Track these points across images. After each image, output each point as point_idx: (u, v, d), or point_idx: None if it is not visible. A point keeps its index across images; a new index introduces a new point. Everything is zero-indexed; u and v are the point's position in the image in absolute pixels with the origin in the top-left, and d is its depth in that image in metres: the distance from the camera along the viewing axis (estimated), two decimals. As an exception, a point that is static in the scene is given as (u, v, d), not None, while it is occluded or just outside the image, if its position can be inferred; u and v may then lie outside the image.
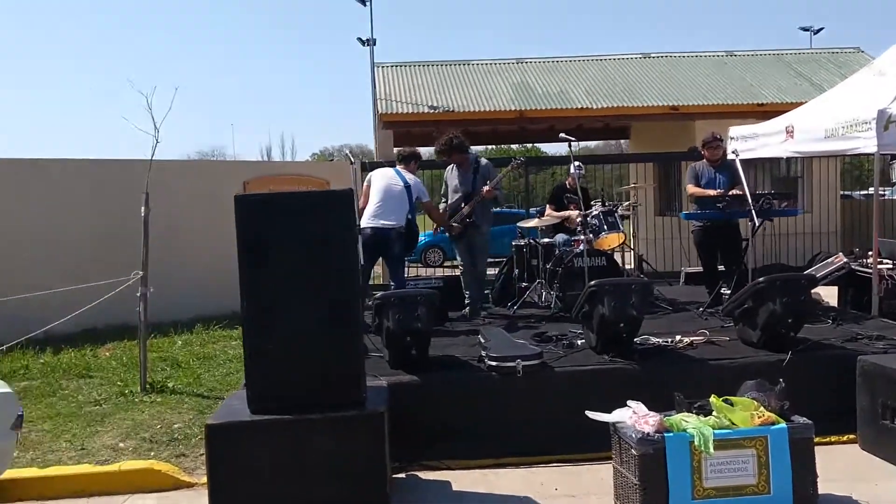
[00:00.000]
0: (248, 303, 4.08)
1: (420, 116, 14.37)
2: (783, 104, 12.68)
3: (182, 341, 8.41)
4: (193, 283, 9.34)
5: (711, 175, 7.49)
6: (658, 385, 4.87)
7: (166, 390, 6.34)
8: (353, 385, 4.14)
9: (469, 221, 7.33)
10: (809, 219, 12.84)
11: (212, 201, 9.12)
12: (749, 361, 5.22)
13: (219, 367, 7.14)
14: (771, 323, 5.31)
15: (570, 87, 15.35)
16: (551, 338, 6.03)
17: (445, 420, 4.98)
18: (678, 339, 5.75)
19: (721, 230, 7.27)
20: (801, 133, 7.37)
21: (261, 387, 4.09)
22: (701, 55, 17.21)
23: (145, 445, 5.18)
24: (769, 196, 6.87)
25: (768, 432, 3.93)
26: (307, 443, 4.02)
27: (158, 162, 7.77)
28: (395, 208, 6.75)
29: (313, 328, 4.10)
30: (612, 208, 7.93)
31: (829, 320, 6.40)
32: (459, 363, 5.44)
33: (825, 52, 17.60)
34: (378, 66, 16.60)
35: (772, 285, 5.28)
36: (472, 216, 7.33)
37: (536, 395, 5.05)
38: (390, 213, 6.71)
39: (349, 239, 4.22)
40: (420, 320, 5.12)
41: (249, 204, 4.16)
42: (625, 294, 5.26)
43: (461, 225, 7.35)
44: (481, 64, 16.91)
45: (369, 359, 5.45)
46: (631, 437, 3.99)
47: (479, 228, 7.43)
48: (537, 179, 16.61)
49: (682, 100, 14.43)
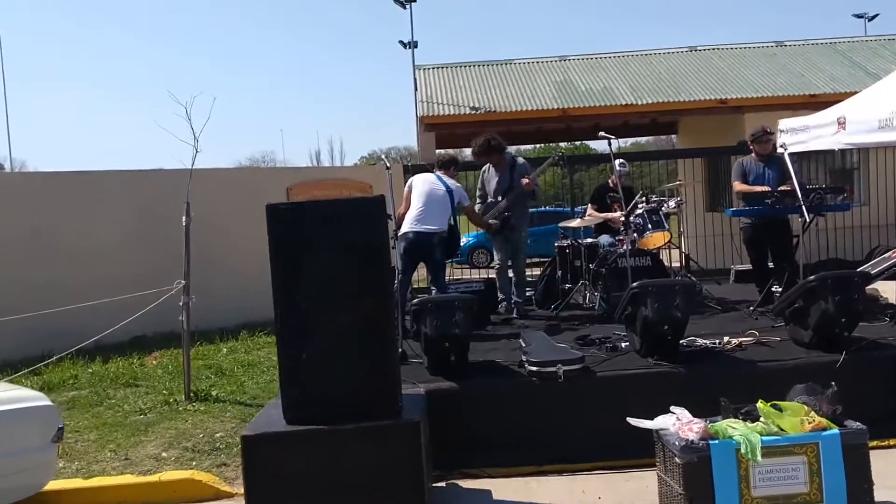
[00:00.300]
0: (281, 312, 4.06)
1: (462, 118, 14.29)
2: (837, 94, 12.26)
3: (227, 348, 8.49)
4: (238, 290, 9.44)
5: (760, 170, 7.25)
6: (704, 389, 4.71)
7: (210, 398, 6.38)
8: (389, 394, 4.09)
9: (507, 216, 7.33)
10: (867, 211, 12.39)
11: (255, 208, 9.11)
12: (801, 363, 5.04)
13: (262, 375, 7.17)
14: (823, 322, 5.10)
15: (613, 83, 15.12)
16: (594, 341, 5.92)
17: (485, 427, 4.90)
18: (726, 341, 5.58)
19: (771, 226, 7.03)
20: (853, 124, 7.10)
21: (296, 397, 4.06)
22: (750, 46, 16.78)
23: (187, 455, 5.21)
24: (820, 190, 6.62)
25: (819, 438, 3.76)
26: (343, 453, 3.98)
27: (201, 171, 7.88)
28: (437, 213, 6.70)
29: (347, 337, 4.05)
30: (657, 206, 7.74)
31: (886, 318, 6.13)
32: (500, 368, 5.36)
33: (881, 39, 17.00)
34: (419, 69, 16.57)
35: (823, 283, 5.07)
36: (510, 211, 7.33)
37: (578, 401, 4.95)
38: (433, 218, 6.66)
39: (382, 246, 4.17)
40: (458, 326, 5.04)
41: (281, 212, 4.12)
42: (668, 295, 5.10)
43: (499, 221, 7.33)
44: (523, 63, 16.76)
45: (408, 365, 5.42)
46: (675, 445, 3.85)
47: (515, 229, 7.44)
48: (585, 176, 16.37)
49: (731, 93, 14.08)
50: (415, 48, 17.94)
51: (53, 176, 9.84)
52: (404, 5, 17.94)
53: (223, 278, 9.44)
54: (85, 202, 9.36)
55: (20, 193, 9.19)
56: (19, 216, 8.93)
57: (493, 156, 7.46)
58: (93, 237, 9.29)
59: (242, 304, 9.40)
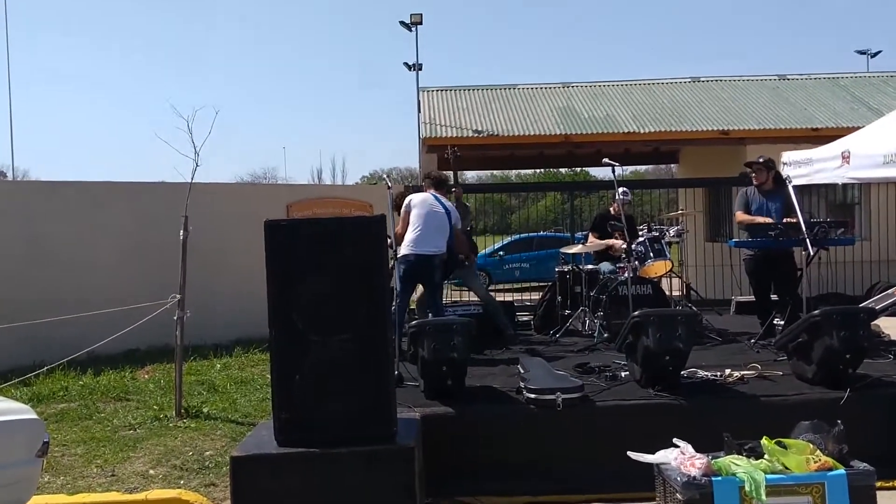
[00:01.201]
0: (276, 331, 3.98)
1: (465, 140, 14.27)
2: (839, 129, 12.27)
3: (221, 364, 8.39)
4: (235, 306, 9.35)
5: (762, 201, 7.20)
6: (706, 422, 4.64)
7: (201, 415, 6.28)
8: (383, 418, 4.00)
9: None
10: (868, 246, 12.34)
11: (255, 224, 9.05)
12: (804, 399, 4.94)
13: (255, 392, 7.06)
14: (827, 358, 5.02)
15: (616, 111, 15.13)
16: (594, 369, 5.82)
17: (481, 454, 4.80)
18: (728, 373, 5.49)
19: (774, 259, 6.96)
20: (858, 158, 7.06)
21: (288, 418, 3.97)
22: (753, 79, 16.83)
23: (175, 473, 5.10)
24: (824, 224, 6.56)
25: (825, 478, 3.67)
26: (334, 477, 3.88)
27: (201, 185, 7.81)
28: (437, 235, 6.60)
29: (343, 358, 3.97)
30: (659, 235, 7.69)
31: (890, 355, 6.05)
32: (497, 394, 5.27)
33: (883, 75, 17.05)
34: (423, 91, 16.59)
35: (828, 318, 4.99)
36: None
37: (577, 431, 4.85)
38: (433, 240, 6.56)
39: (380, 266, 4.10)
40: (456, 349, 4.96)
41: (279, 229, 4.06)
42: (670, 325, 5.03)
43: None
44: (526, 88, 16.78)
45: (404, 388, 5.33)
46: (676, 480, 3.76)
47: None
48: (585, 203, 16.36)
49: (733, 124, 14.08)
50: (419, 70, 17.89)
51: (51, 185, 9.78)
52: (410, 28, 17.97)
53: (220, 293, 9.36)
54: (83, 213, 9.29)
55: (16, 202, 9.12)
56: (15, 225, 8.85)
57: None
58: (90, 248, 9.20)
59: (238, 319, 9.31)
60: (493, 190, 18.04)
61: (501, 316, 7.51)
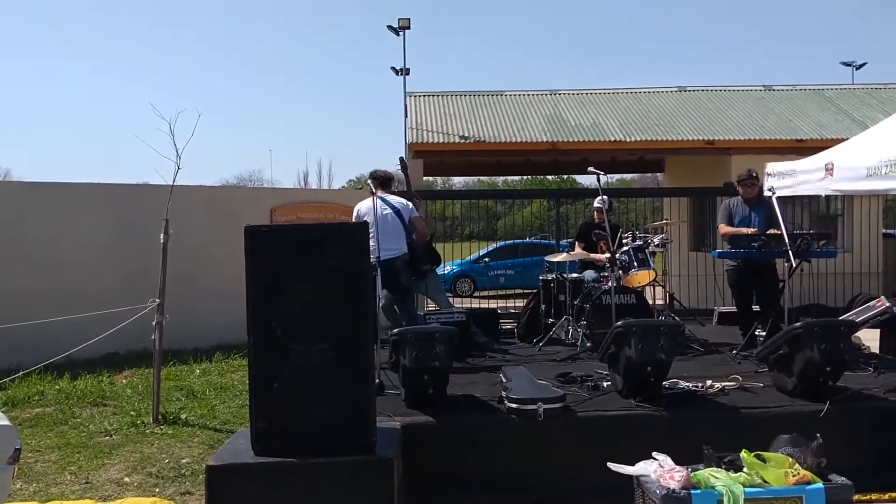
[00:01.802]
0: (255, 338, 3.93)
1: (451, 146, 14.26)
2: (823, 140, 12.35)
3: (201, 370, 8.31)
4: (215, 311, 9.27)
5: (745, 213, 7.23)
6: (686, 434, 4.63)
7: (179, 422, 6.20)
8: (363, 428, 3.95)
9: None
10: (850, 258, 12.42)
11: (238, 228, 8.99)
12: (784, 411, 4.93)
13: (235, 399, 6.99)
14: (808, 371, 5.02)
15: (603, 119, 15.16)
16: (576, 379, 5.80)
17: (461, 464, 4.75)
18: (709, 384, 5.49)
19: (757, 270, 6.99)
20: (841, 171, 7.08)
21: (266, 427, 3.91)
22: (738, 89, 16.92)
23: (151, 481, 5.03)
24: (807, 236, 6.59)
25: (803, 492, 3.66)
26: (312, 488, 3.83)
27: (183, 188, 7.73)
28: (393, 237, 6.53)
29: (323, 366, 3.92)
30: (643, 244, 7.69)
31: (870, 368, 6.08)
32: (479, 404, 5.23)
33: (868, 87, 17.20)
34: (410, 95, 16.56)
35: (809, 331, 4.99)
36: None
37: (558, 441, 4.81)
38: (390, 243, 6.46)
39: (363, 273, 4.05)
40: (438, 358, 4.92)
41: (260, 235, 4.02)
42: (653, 336, 5.01)
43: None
44: (513, 95, 16.80)
45: (385, 397, 5.29)
46: (655, 493, 3.74)
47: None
48: (571, 210, 16.37)
49: (719, 134, 14.14)
50: (407, 75, 17.83)
51: (31, 186, 9.66)
52: (398, 32, 17.92)
53: (200, 298, 9.29)
54: (62, 214, 9.19)
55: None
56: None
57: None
58: (69, 250, 9.10)
59: (219, 324, 9.22)
60: (479, 196, 18.06)
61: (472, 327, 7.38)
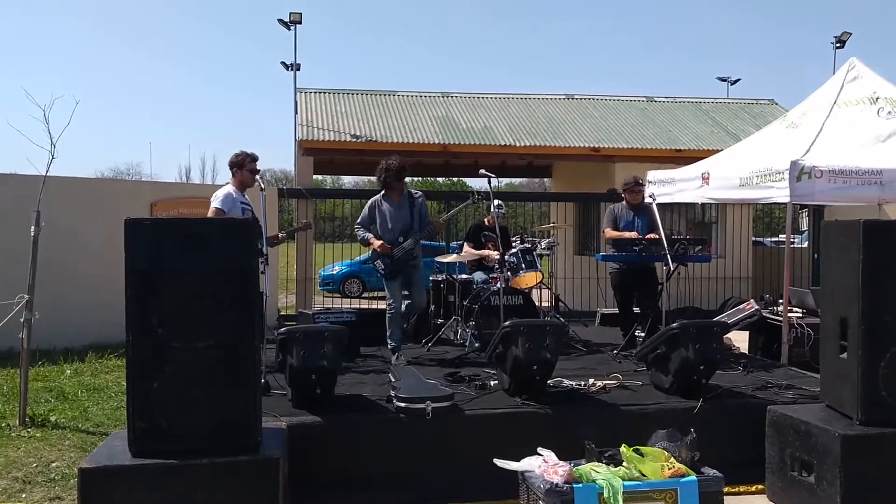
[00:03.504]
0: (133, 335, 3.75)
1: (342, 144, 14.16)
2: (700, 151, 12.99)
3: (72, 370, 7.89)
4: (89, 308, 8.81)
5: (630, 218, 7.51)
6: (569, 430, 4.79)
7: (48, 424, 5.87)
8: (247, 428, 3.84)
9: (413, 256, 6.82)
10: (723, 264, 13.12)
11: (115, 223, 8.59)
12: (660, 408, 5.14)
13: (109, 400, 6.68)
14: (683, 369, 5.26)
15: (493, 123, 15.41)
16: (464, 378, 5.85)
17: (349, 464, 4.71)
18: (591, 383, 5.66)
19: (638, 273, 7.27)
20: (716, 180, 7.47)
21: (144, 427, 3.74)
22: (623, 99, 17.56)
23: (17, 486, 4.73)
24: (684, 241, 6.91)
25: (678, 485, 3.84)
26: (193, 490, 3.69)
27: (58, 178, 7.33)
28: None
29: (205, 365, 3.78)
30: (531, 247, 7.85)
31: (739, 367, 6.43)
32: (367, 403, 5.20)
33: (741, 102, 18.24)
34: (301, 92, 16.31)
35: (685, 331, 5.23)
36: (415, 251, 6.84)
37: (446, 439, 4.84)
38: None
39: (249, 270, 3.94)
40: (326, 357, 4.86)
41: (141, 228, 3.84)
42: (539, 336, 5.12)
43: (398, 259, 6.76)
44: (406, 95, 16.84)
45: (271, 397, 5.18)
46: (539, 488, 3.83)
47: (418, 268, 6.96)
48: (461, 213, 16.50)
49: (604, 142, 14.63)
50: (297, 70, 17.55)
51: None
52: (289, 27, 17.59)
53: (73, 295, 8.82)
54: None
55: None
56: None
57: (400, 183, 6.87)
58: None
59: (92, 323, 8.77)
60: (370, 196, 17.94)
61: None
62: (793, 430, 4.54)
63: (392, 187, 6.86)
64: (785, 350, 6.88)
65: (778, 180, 6.36)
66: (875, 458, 4.19)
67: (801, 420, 4.51)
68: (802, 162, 6.25)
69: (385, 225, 6.86)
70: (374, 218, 6.93)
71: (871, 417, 4.26)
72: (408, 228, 6.82)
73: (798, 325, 7.09)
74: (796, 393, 5.45)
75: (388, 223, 6.85)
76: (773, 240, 19.54)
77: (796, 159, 6.28)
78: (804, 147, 6.65)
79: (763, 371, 6.33)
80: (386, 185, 6.87)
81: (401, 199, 6.90)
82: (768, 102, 17.84)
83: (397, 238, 6.80)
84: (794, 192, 6.23)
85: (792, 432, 4.55)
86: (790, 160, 6.25)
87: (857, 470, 4.15)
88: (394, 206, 6.87)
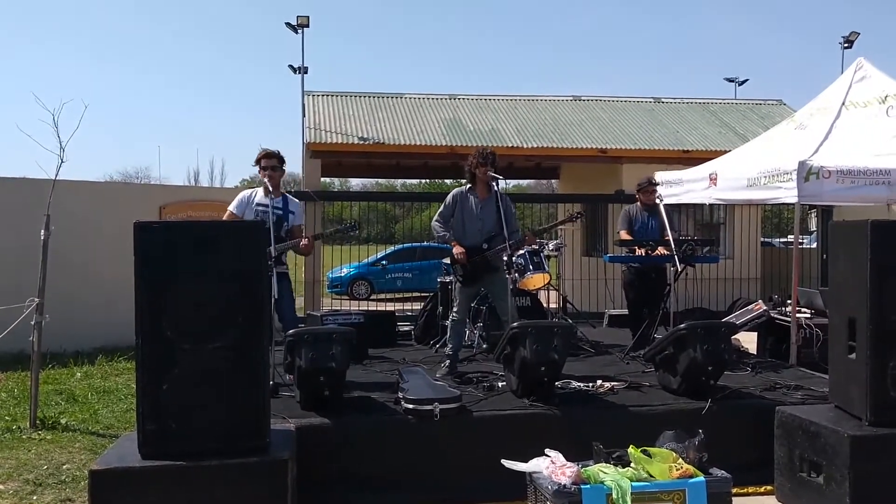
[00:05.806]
0: (143, 338, 3.78)
1: (349, 147, 14.18)
2: (708, 152, 12.96)
3: (82, 373, 7.93)
4: (99, 312, 8.89)
5: (644, 219, 7.52)
6: (577, 431, 4.78)
7: (58, 427, 5.90)
8: (256, 430, 3.87)
9: (494, 267, 6.11)
10: (731, 265, 13.09)
11: (124, 226, 8.65)
12: (668, 409, 5.14)
13: (119, 403, 6.71)
14: (691, 370, 5.25)
15: (500, 125, 15.41)
16: (472, 379, 5.87)
17: (357, 466, 4.72)
18: (599, 384, 5.66)
19: (650, 273, 7.27)
20: (724, 181, 7.45)
21: (153, 430, 3.78)
22: (630, 100, 17.54)
23: (28, 488, 4.76)
24: (692, 242, 6.90)
25: (686, 486, 3.83)
26: (202, 492, 3.72)
27: (67, 182, 7.37)
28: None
29: (214, 367, 3.82)
30: (539, 248, 7.86)
31: (748, 368, 6.41)
32: (375, 405, 5.21)
33: (749, 103, 18.18)
34: (308, 95, 16.36)
35: (693, 332, 5.23)
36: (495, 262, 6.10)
37: (454, 441, 4.85)
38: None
39: (258, 273, 3.97)
40: (334, 359, 4.87)
41: (150, 232, 3.87)
42: (547, 337, 5.12)
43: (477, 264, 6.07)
44: (413, 98, 16.85)
45: (279, 398, 5.20)
46: (547, 489, 3.83)
47: (499, 270, 6.18)
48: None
49: (611, 143, 14.61)
50: (305, 74, 17.58)
51: None
52: (296, 30, 17.64)
53: (84, 298, 8.87)
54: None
55: None
56: None
57: (484, 171, 6.09)
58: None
59: (102, 326, 8.83)
60: (377, 198, 18.00)
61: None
62: (801, 431, 4.53)
63: (476, 177, 6.11)
64: (793, 351, 6.86)
65: (786, 181, 6.35)
66: (884, 458, 4.18)
67: (809, 421, 4.50)
68: (810, 162, 6.23)
69: (463, 222, 6.16)
70: (454, 211, 6.22)
71: (880, 418, 4.26)
72: (490, 230, 6.13)
73: (807, 326, 7.06)
74: (805, 394, 5.44)
75: (467, 221, 6.14)
76: (781, 240, 19.46)
77: (804, 159, 6.26)
78: (812, 147, 6.64)
79: (771, 372, 6.33)
80: (471, 174, 6.16)
81: (487, 194, 6.18)
82: (776, 103, 17.79)
83: (478, 240, 6.12)
84: (803, 192, 6.21)
85: (801, 433, 4.54)
86: (798, 160, 6.24)
87: (866, 471, 4.14)
88: (477, 201, 6.18)
